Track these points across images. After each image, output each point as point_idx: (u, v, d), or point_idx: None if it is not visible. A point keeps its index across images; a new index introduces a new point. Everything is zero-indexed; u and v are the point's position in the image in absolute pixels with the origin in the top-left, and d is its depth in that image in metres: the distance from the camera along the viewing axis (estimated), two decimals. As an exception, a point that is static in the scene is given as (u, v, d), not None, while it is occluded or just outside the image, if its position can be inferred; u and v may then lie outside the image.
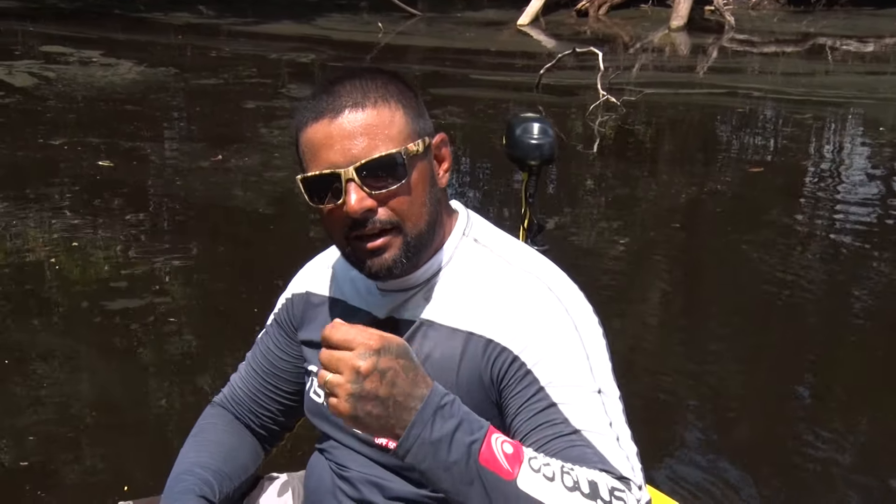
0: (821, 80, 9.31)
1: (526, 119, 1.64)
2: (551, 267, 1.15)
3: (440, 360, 1.09)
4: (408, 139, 1.06)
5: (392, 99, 1.07)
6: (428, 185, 1.09)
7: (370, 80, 1.07)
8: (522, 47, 11.21)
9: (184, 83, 8.13)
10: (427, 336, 1.11)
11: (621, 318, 3.53)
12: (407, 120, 1.07)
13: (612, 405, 1.04)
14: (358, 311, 1.18)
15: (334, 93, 1.06)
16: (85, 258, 3.98)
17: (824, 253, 4.34)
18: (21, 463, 2.49)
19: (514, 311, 1.07)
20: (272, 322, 1.31)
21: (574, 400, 1.02)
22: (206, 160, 5.51)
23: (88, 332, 3.30)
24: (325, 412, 1.19)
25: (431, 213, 1.09)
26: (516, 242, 1.19)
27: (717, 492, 2.43)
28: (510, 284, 1.09)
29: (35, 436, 2.61)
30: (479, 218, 1.21)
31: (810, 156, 6.39)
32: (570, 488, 0.93)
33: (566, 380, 1.03)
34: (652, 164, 6.15)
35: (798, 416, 2.91)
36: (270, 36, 11.41)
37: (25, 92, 7.45)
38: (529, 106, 7.53)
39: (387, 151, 1.04)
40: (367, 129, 1.04)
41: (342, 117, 1.04)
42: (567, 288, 1.12)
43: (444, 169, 1.13)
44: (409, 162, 1.06)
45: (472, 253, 1.14)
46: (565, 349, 1.05)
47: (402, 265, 1.08)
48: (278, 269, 1.24)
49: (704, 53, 11.20)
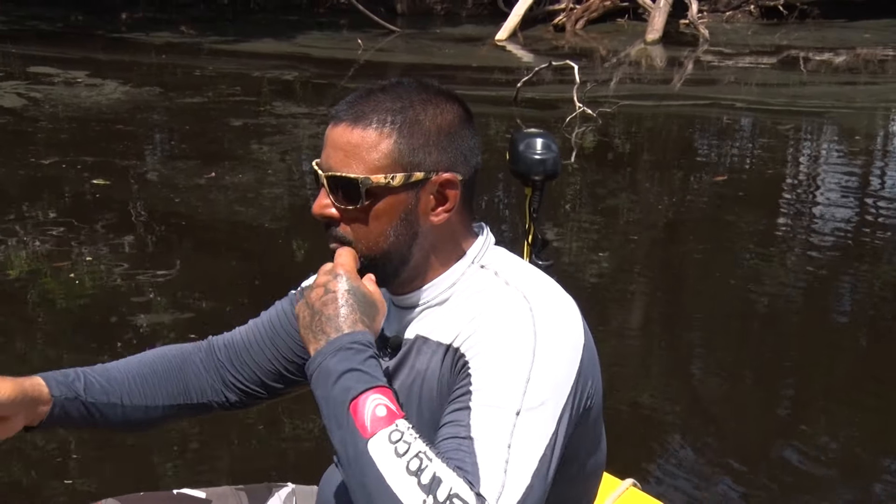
0: (799, 90, 9.51)
1: (529, 134, 1.67)
2: (550, 294, 1.10)
3: (428, 375, 1.10)
4: (381, 169, 1.05)
5: (392, 125, 1.06)
6: (397, 219, 1.07)
7: (389, 101, 1.07)
8: (501, 62, 11.36)
9: (169, 102, 8.20)
10: (420, 352, 1.12)
11: (602, 328, 3.61)
12: (394, 150, 1.06)
13: (529, 434, 0.97)
14: None
15: (353, 102, 1.08)
16: (95, 274, 4.07)
17: (801, 261, 4.46)
18: (7, 480, 2.54)
19: (486, 324, 1.05)
20: (288, 299, 1.31)
21: (487, 412, 0.98)
22: (200, 178, 5.60)
23: (98, 348, 3.39)
24: None
25: (394, 245, 1.08)
26: (525, 268, 1.15)
27: (698, 499, 2.49)
28: (495, 302, 1.07)
29: (19, 451, 2.66)
30: (496, 248, 1.17)
31: (791, 165, 6.58)
32: (411, 472, 0.91)
33: (493, 391, 0.99)
34: (630, 175, 6.29)
35: (779, 423, 2.99)
36: (252, 54, 11.49)
37: (15, 113, 7.50)
38: (509, 119, 7.69)
39: (348, 174, 1.06)
40: (347, 146, 1.06)
41: (338, 128, 1.08)
42: (553, 317, 1.06)
43: (444, 208, 1.09)
44: (372, 190, 1.05)
45: (476, 277, 1.13)
46: (509, 364, 1.00)
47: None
48: (295, 280, 1.33)
49: (680, 66, 11.42)
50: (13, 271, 4.09)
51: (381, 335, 1.15)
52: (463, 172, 1.10)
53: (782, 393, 3.25)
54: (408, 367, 1.13)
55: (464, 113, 1.12)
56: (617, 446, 1.06)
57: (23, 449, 2.69)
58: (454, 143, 1.09)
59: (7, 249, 4.34)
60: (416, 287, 1.14)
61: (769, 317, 3.83)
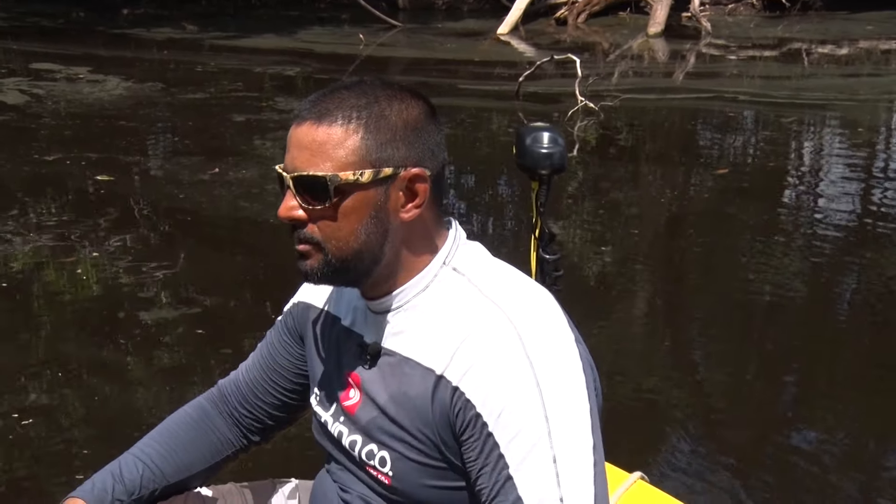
0: (802, 83, 9.49)
1: (536, 129, 1.66)
2: (529, 300, 1.09)
3: (415, 399, 1.09)
4: (349, 166, 1.04)
5: (357, 121, 1.05)
6: (367, 216, 1.06)
7: (353, 97, 1.06)
8: (503, 56, 11.35)
9: (171, 98, 8.21)
10: (405, 374, 1.10)
11: (605, 322, 3.64)
12: (360, 146, 1.05)
13: (570, 472, 1.01)
14: (349, 333, 1.20)
15: (317, 101, 1.07)
16: (99, 270, 4.08)
17: (804, 252, 4.47)
18: (11, 476, 2.56)
19: (476, 356, 1.04)
20: (281, 321, 1.33)
21: (528, 471, 1.00)
22: (204, 173, 5.61)
23: (102, 343, 3.40)
24: (328, 432, 1.21)
25: (365, 244, 1.07)
26: (497, 270, 1.14)
27: (705, 491, 2.50)
28: (476, 322, 1.06)
29: (26, 448, 2.68)
30: (467, 244, 1.16)
31: (794, 157, 6.57)
32: None
33: (523, 445, 1.00)
34: (632, 168, 6.29)
35: (783, 415, 3.00)
36: (253, 50, 11.50)
37: (17, 109, 7.51)
38: (511, 114, 7.70)
39: (315, 172, 1.04)
40: (312, 145, 1.04)
41: (302, 127, 1.06)
42: (539, 331, 1.06)
43: (414, 204, 1.08)
44: (340, 188, 1.04)
45: (449, 282, 1.11)
46: (523, 410, 1.01)
47: (319, 276, 1.09)
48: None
49: (683, 59, 11.41)
50: (17, 266, 4.10)
51: (360, 341, 1.17)
52: (431, 167, 1.09)
53: (786, 383, 3.26)
54: (393, 383, 1.12)
55: (428, 108, 1.11)
56: (620, 438, 1.08)
57: (27, 443, 2.71)
58: (420, 138, 1.08)
59: (11, 245, 4.35)
60: (389, 290, 1.12)
61: (772, 308, 3.84)
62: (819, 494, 2.53)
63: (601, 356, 1.13)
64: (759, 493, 2.52)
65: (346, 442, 1.18)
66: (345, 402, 1.18)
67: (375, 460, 1.14)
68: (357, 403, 1.16)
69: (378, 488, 1.15)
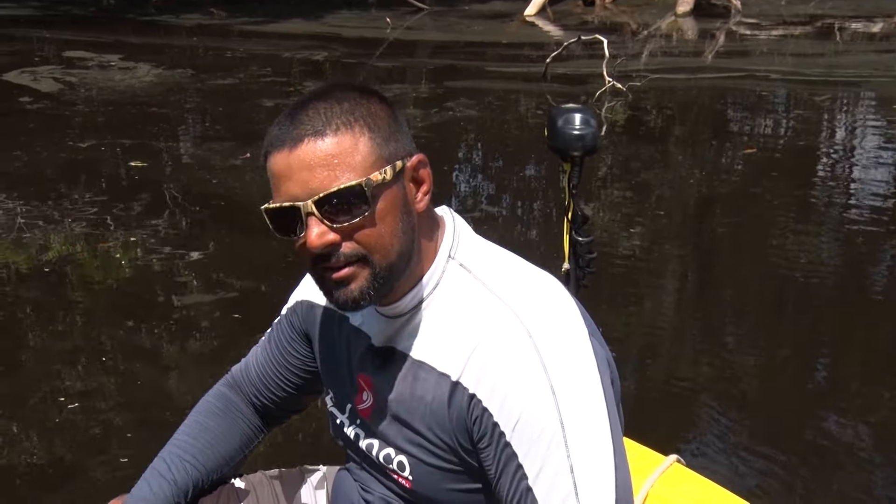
0: (835, 60, 9.35)
1: (567, 110, 1.66)
2: (539, 296, 1.07)
3: (432, 405, 1.07)
4: (372, 167, 1.00)
5: (357, 124, 1.00)
6: (399, 213, 1.03)
7: (336, 104, 1.01)
8: (530, 38, 11.29)
9: (201, 84, 8.28)
10: (418, 377, 1.08)
11: (635, 305, 3.64)
12: (373, 146, 1.01)
13: (588, 481, 1.00)
14: (359, 333, 1.17)
15: (296, 120, 1.00)
16: (135, 255, 4.15)
17: (837, 234, 4.43)
18: (46, 457, 2.62)
19: (491, 361, 1.02)
20: (285, 317, 1.31)
21: (546, 481, 0.99)
22: (236, 158, 5.67)
23: (137, 328, 3.47)
24: (345, 434, 1.21)
25: (404, 243, 1.03)
26: (503, 263, 1.12)
27: (740, 475, 2.50)
28: (489, 326, 1.04)
29: (62, 431, 2.74)
30: (466, 231, 1.13)
31: (826, 136, 6.50)
32: None
33: (539, 455, 0.99)
34: (661, 148, 6.25)
35: (817, 398, 2.98)
36: (281, 35, 11.53)
37: (52, 97, 7.61)
38: (538, 96, 7.68)
39: (347, 183, 0.98)
40: (327, 160, 0.98)
41: (301, 147, 0.99)
42: (552, 331, 1.03)
43: (423, 191, 1.06)
44: (374, 192, 0.99)
45: (458, 280, 1.09)
46: (539, 420, 0.99)
47: (369, 297, 1.03)
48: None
49: (712, 38, 11.28)
50: (60, 252, 4.19)
51: (369, 342, 1.14)
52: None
53: (819, 366, 3.24)
54: (407, 387, 1.10)
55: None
56: (651, 420, 1.07)
57: (72, 426, 2.78)
58: (402, 127, 1.06)
59: (50, 231, 4.44)
60: (403, 291, 1.08)
61: (804, 291, 3.82)
62: (852, 479, 2.52)
63: (632, 338, 1.14)
64: (793, 477, 2.52)
65: (363, 445, 1.17)
66: (359, 405, 1.17)
67: (394, 464, 1.13)
68: (370, 407, 1.15)
69: (399, 491, 1.14)
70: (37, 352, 3.26)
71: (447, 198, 5.02)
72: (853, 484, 2.50)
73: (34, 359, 3.21)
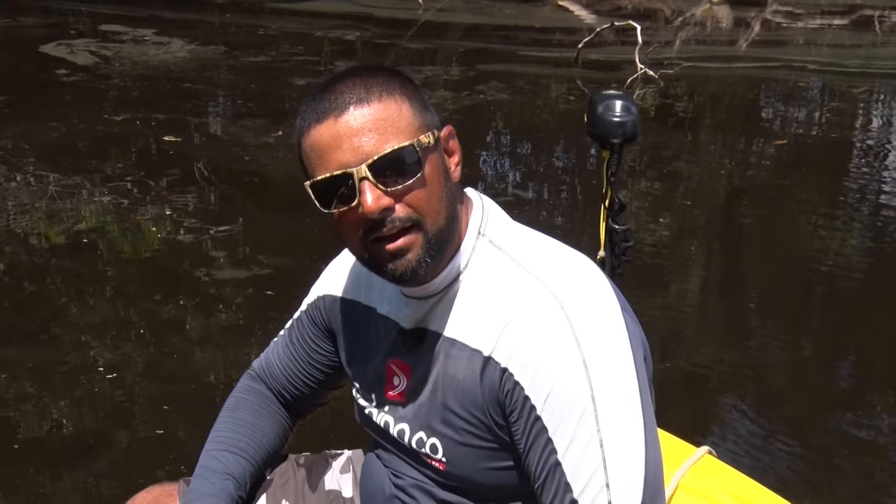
0: (874, 51, 9.22)
1: (608, 96, 1.65)
2: (574, 274, 1.07)
3: (464, 382, 1.07)
4: (418, 131, 1.02)
5: (396, 92, 1.02)
6: (443, 179, 1.04)
7: (371, 76, 1.03)
8: (562, 23, 11.21)
9: (234, 61, 8.32)
10: (451, 355, 1.08)
11: (661, 295, 3.65)
12: (414, 112, 1.03)
13: (617, 457, 0.99)
14: (387, 321, 1.17)
15: (336, 90, 1.01)
16: (169, 229, 4.22)
17: (867, 228, 4.41)
18: (76, 430, 2.67)
19: (524, 335, 1.02)
20: (306, 314, 1.31)
21: (575, 456, 0.99)
22: (268, 136, 5.72)
23: (167, 300, 3.53)
24: (374, 422, 1.21)
25: (449, 208, 1.04)
26: (533, 240, 1.12)
27: (769, 468, 2.50)
28: (522, 300, 1.04)
29: (82, 404, 2.80)
30: (494, 209, 1.14)
31: (862, 129, 6.43)
32: None
33: (569, 430, 0.99)
34: (692, 138, 6.23)
35: (843, 392, 2.99)
36: (313, 13, 11.53)
37: (88, 70, 7.69)
38: (569, 81, 7.65)
39: (399, 145, 0.99)
40: (377, 124, 0.99)
41: (348, 114, 0.99)
42: (586, 307, 1.03)
43: (455, 162, 1.08)
44: (422, 154, 1.01)
45: (489, 257, 1.09)
46: (570, 393, 0.99)
47: (426, 265, 1.03)
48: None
49: (747, 27, 11.15)
50: (86, 224, 4.25)
51: (400, 327, 1.14)
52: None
53: (844, 363, 3.24)
54: (439, 366, 1.10)
55: None
56: (676, 411, 1.08)
57: (111, 396, 2.85)
58: (428, 101, 1.08)
59: (82, 202, 4.51)
60: (439, 269, 1.08)
61: (831, 284, 3.80)
62: (882, 477, 2.53)
63: (658, 328, 1.13)
64: (821, 472, 2.52)
65: (394, 431, 1.17)
66: (389, 392, 1.17)
67: (427, 448, 1.12)
68: (403, 392, 1.15)
69: (432, 475, 1.14)
70: (69, 322, 3.32)
71: (477, 181, 5.04)
72: (882, 482, 2.50)
73: (66, 329, 3.27)
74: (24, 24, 10.04)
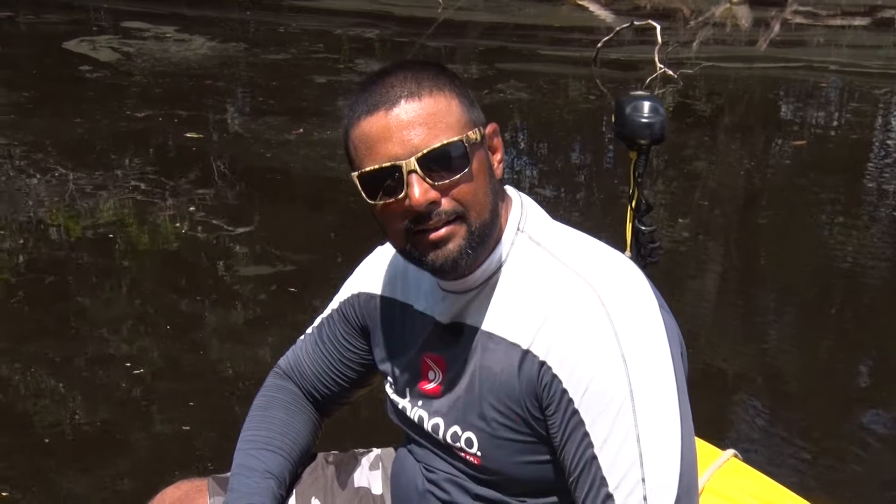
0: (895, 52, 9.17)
1: (636, 97, 1.66)
2: (614, 270, 1.08)
3: (500, 375, 1.08)
4: (466, 127, 1.04)
5: (446, 88, 1.04)
6: (487, 175, 1.06)
7: (421, 71, 1.05)
8: (581, 22, 11.19)
9: (254, 58, 8.36)
10: (488, 349, 1.09)
11: (680, 293, 3.64)
12: (463, 108, 1.05)
13: (654, 452, 1.00)
14: (423, 317, 1.18)
15: (386, 83, 1.03)
16: (195, 226, 4.26)
17: (885, 230, 4.39)
18: (98, 424, 2.70)
19: (563, 329, 1.03)
20: (338, 311, 1.31)
21: (612, 450, 1.00)
22: (289, 133, 5.75)
23: (185, 294, 3.56)
24: (408, 417, 1.21)
25: (493, 204, 1.06)
26: (571, 237, 1.13)
27: (794, 471, 2.50)
28: (562, 295, 1.05)
29: (106, 399, 2.82)
30: (533, 206, 1.16)
31: (882, 130, 6.39)
32: None
33: (607, 424, 1.00)
34: (710, 137, 6.21)
35: (863, 393, 2.98)
36: (332, 11, 11.56)
37: (110, 66, 7.76)
38: (588, 80, 7.64)
39: (448, 140, 1.01)
40: (427, 119, 1.01)
41: (399, 108, 1.01)
42: (626, 302, 1.04)
43: (498, 160, 1.10)
44: (470, 150, 1.03)
45: (528, 253, 1.10)
46: (608, 387, 1.00)
47: (467, 256, 1.04)
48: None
49: (767, 27, 11.09)
50: (107, 217, 4.30)
51: (434, 322, 1.16)
52: None
53: (863, 364, 3.23)
54: (472, 361, 1.11)
55: None
56: (697, 412, 1.08)
57: (111, 391, 2.87)
58: (474, 98, 1.09)
59: (104, 198, 4.55)
60: (479, 263, 1.09)
61: (850, 285, 3.79)
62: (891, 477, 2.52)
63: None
64: (843, 475, 2.52)
65: (428, 426, 1.18)
66: (425, 387, 1.18)
67: (462, 441, 1.13)
68: (439, 386, 1.16)
69: (466, 469, 1.15)
70: (90, 317, 3.36)
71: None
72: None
73: (87, 324, 3.32)
74: (47, 20, 10.13)
